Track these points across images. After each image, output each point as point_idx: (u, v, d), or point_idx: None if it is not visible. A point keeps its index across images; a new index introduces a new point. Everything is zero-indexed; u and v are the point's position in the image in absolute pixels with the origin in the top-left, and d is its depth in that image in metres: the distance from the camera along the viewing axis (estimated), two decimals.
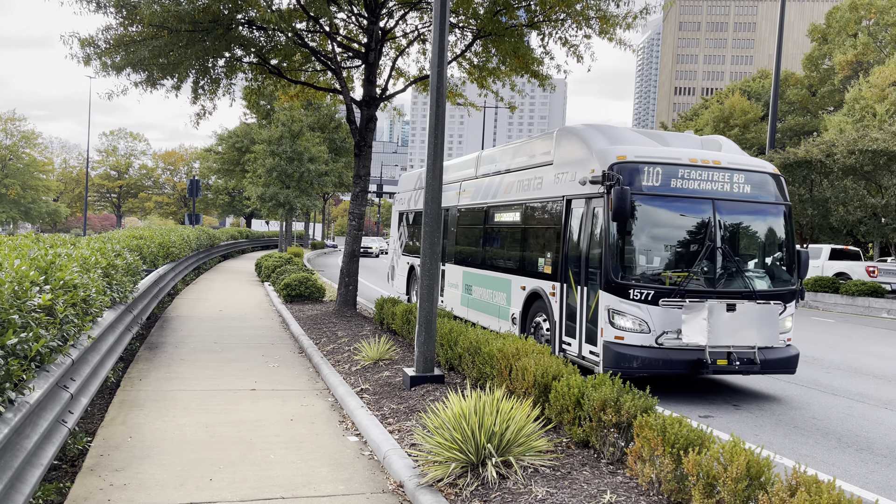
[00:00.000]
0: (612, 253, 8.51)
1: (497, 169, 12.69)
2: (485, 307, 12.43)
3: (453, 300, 14.05)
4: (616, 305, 8.44)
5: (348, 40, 14.98)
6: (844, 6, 55.50)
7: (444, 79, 7.63)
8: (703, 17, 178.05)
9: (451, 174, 14.92)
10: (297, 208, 31.08)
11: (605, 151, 9.00)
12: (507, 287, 11.51)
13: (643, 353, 8.35)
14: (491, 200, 12.58)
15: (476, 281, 12.91)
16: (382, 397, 7.75)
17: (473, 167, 14.01)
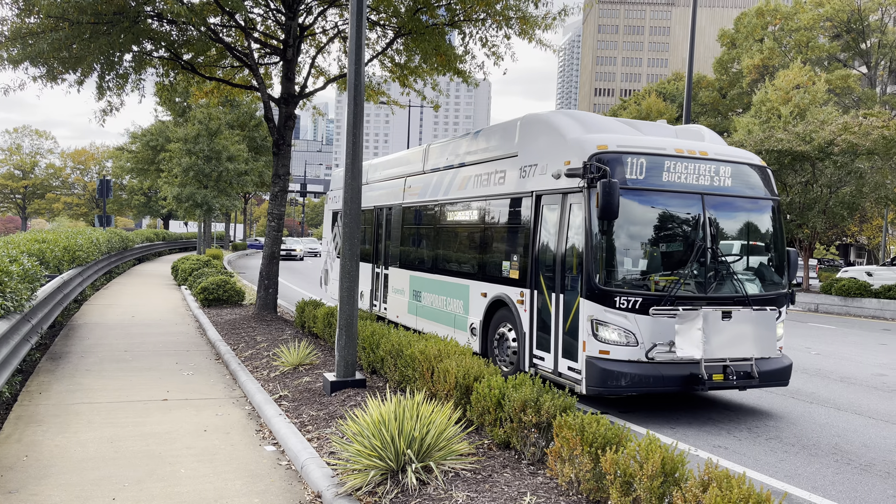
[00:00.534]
0: (595, 256, 7.48)
1: (449, 163, 11.52)
2: (438, 316, 11.28)
3: (399, 307, 12.87)
4: (600, 315, 7.41)
5: (266, 36, 14.56)
6: (751, 12, 58.24)
7: (361, 76, 7.47)
8: (621, 20, 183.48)
9: (394, 169, 14.00)
10: (215, 209, 30.09)
11: (582, 141, 7.96)
12: (465, 294, 10.45)
13: (632, 369, 7.33)
14: (443, 197, 11.44)
15: (426, 287, 11.77)
16: (302, 404, 7.52)
17: (420, 161, 12.81)
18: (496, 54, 13.52)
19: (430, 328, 11.28)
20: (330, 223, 17.17)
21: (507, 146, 9.75)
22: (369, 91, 16.24)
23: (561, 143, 8.31)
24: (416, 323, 12.00)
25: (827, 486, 5.85)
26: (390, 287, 13.32)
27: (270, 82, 16.26)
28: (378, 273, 14.16)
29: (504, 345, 9.31)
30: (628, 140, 7.98)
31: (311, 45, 15.87)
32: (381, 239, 14.04)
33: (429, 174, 12.30)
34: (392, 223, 13.45)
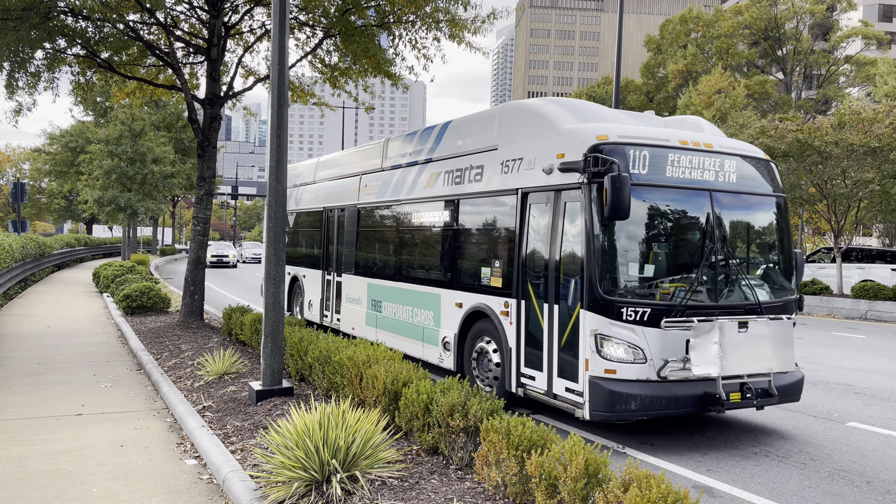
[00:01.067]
0: (598, 261, 6.56)
1: (413, 159, 10.50)
2: (403, 328, 10.33)
3: (355, 318, 11.87)
4: (605, 329, 6.50)
5: (190, 35, 14.11)
6: (675, 19, 60.21)
7: (285, 76, 7.29)
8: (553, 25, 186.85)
9: (346, 166, 12.96)
10: (140, 213, 29.03)
11: (578, 131, 7.12)
12: (436, 304, 9.47)
13: (643, 390, 6.46)
14: (406, 197, 10.44)
15: (389, 296, 10.76)
16: (226, 414, 7.28)
17: (378, 157, 11.71)
18: (426, 56, 13.50)
19: (393, 342, 10.23)
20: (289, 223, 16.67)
21: (484, 139, 8.80)
22: (299, 92, 15.96)
23: (552, 135, 7.43)
24: (377, 336, 10.97)
25: None
26: (344, 296, 12.34)
27: (197, 82, 15.78)
28: (329, 280, 13.18)
29: (484, 361, 8.36)
30: (629, 130, 7.12)
31: (238, 44, 15.48)
32: (332, 243, 13.16)
33: (388, 172, 11.27)
34: (345, 226, 12.49)
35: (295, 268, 14.93)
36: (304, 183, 14.97)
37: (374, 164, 11.86)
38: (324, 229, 13.50)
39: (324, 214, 13.54)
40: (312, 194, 14.36)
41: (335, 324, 12.79)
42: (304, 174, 15.19)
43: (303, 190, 14.97)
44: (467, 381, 5.85)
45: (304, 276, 14.46)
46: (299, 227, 14.94)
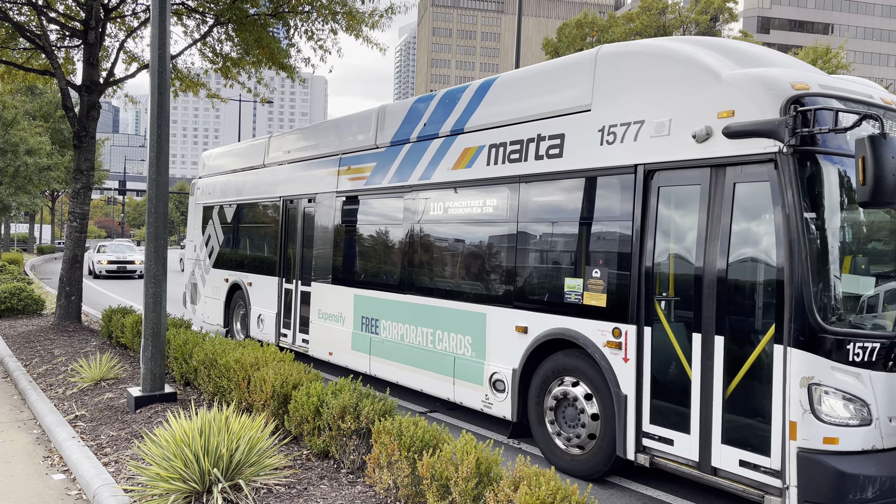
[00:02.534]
0: (816, 273, 4.57)
1: (431, 131, 7.92)
2: (418, 357, 7.78)
3: (332, 341, 9.33)
4: (824, 376, 4.48)
5: (65, 17, 13.12)
6: (572, 23, 62.10)
7: (166, 60, 6.85)
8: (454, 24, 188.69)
9: (317, 146, 10.24)
10: (12, 208, 26.84)
11: (759, 78, 4.96)
12: (477, 326, 7.06)
13: (877, 467, 4.49)
14: (421, 181, 7.89)
15: (393, 313, 8.21)
16: (101, 424, 6.77)
17: (370, 131, 9.02)
18: (323, 48, 13.15)
19: (402, 375, 8.01)
20: (200, 222, 13.68)
21: (564, 97, 6.42)
22: (188, 82, 15.19)
23: (706, 84, 5.21)
24: (372, 365, 8.51)
25: None
26: (315, 311, 9.80)
27: (74, 67, 14.72)
28: (290, 291, 10.52)
29: (568, 411, 6.09)
30: (826, 80, 5.17)
31: (119, 28, 14.54)
32: (294, 242, 10.49)
33: (388, 149, 8.61)
34: (316, 220, 9.85)
35: (235, 273, 12.05)
36: (249, 167, 12.07)
37: (363, 141, 9.16)
38: (282, 225, 10.71)
39: (282, 206, 10.77)
40: (264, 181, 11.44)
41: (300, 346, 10.20)
42: (247, 156, 12.25)
43: (246, 176, 12.06)
44: (367, 387, 5.64)
45: (249, 283, 11.53)
46: (242, 223, 12.04)
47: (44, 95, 36.41)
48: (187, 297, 14.16)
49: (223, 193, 12.74)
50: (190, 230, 14.22)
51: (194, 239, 13.89)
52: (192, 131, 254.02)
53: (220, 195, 12.86)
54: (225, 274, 12.40)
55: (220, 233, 12.73)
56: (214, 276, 12.82)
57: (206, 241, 13.26)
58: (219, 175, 13.16)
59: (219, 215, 12.81)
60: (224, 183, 12.79)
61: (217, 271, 12.72)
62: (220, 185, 12.96)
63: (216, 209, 12.96)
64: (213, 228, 13.03)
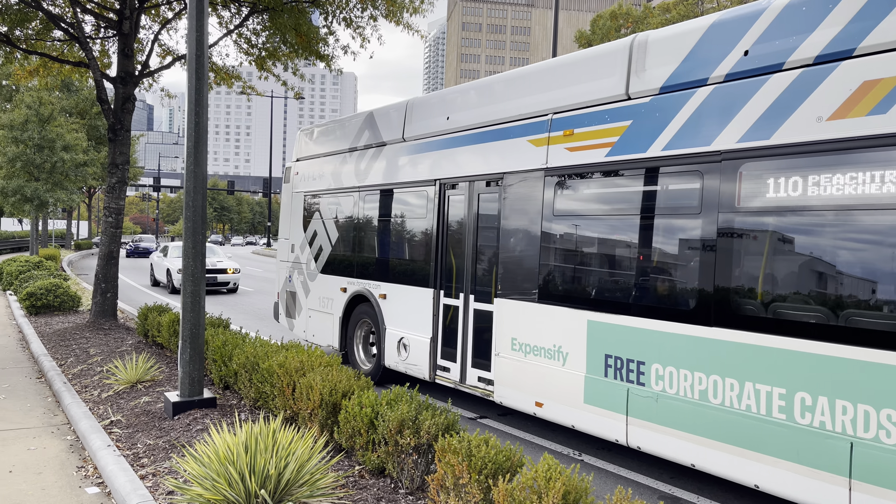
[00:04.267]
0: None
1: (765, 63, 5.04)
2: (751, 434, 4.83)
3: (548, 388, 6.46)
4: None
5: (100, 7, 12.84)
6: (606, 15, 60.95)
7: (204, 43, 6.41)
8: (484, 19, 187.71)
9: (508, 104, 7.26)
10: (49, 203, 26.93)
11: None
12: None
13: None
14: (755, 143, 4.98)
15: (688, 354, 5.28)
16: (138, 431, 6.37)
17: (623, 70, 6.10)
18: (362, 36, 12.68)
19: (702, 455, 5.12)
20: (300, 215, 10.96)
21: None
22: (223, 74, 14.86)
23: None
24: (633, 432, 5.66)
25: None
26: (505, 340, 6.90)
27: (109, 60, 14.47)
28: (453, 308, 7.78)
29: None
30: None
31: (154, 20, 14.25)
32: (460, 242, 7.79)
33: (660, 99, 5.74)
34: (504, 211, 7.05)
35: (358, 281, 9.35)
36: (378, 143, 9.20)
37: (600, 91, 6.27)
38: (438, 217, 8.01)
39: (438, 193, 8.04)
40: (404, 160, 8.69)
41: (475, 387, 7.39)
42: (374, 129, 9.33)
43: (373, 155, 9.25)
44: (426, 398, 5.13)
45: (381, 295, 8.84)
46: (368, 216, 9.31)
47: (80, 92, 36.65)
48: (280, 308, 11.51)
49: (336, 178, 10.00)
50: (284, 226, 11.51)
51: (290, 237, 11.24)
52: (224, 128, 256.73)
53: (331, 181, 10.14)
54: (341, 281, 9.68)
55: (333, 229, 10.00)
56: (325, 284, 10.11)
57: (311, 239, 10.58)
58: (328, 156, 10.35)
59: (330, 206, 10.14)
60: (338, 165, 10.00)
61: (328, 278, 10.02)
62: (330, 167, 10.20)
63: (325, 199, 10.30)
64: (320, 223, 10.35)
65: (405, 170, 8.65)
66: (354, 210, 9.60)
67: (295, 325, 11.05)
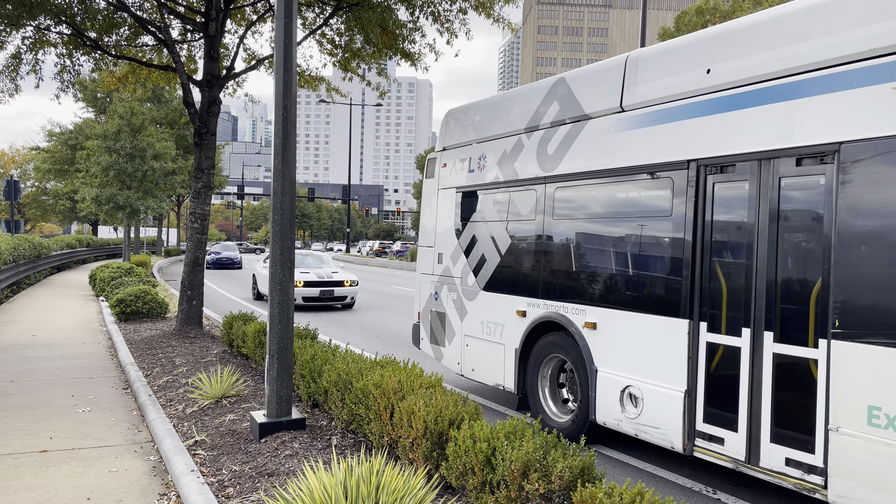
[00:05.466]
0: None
1: None
2: None
3: None
4: None
5: (186, 9, 12.72)
6: (692, 10, 58.55)
7: (293, 31, 5.86)
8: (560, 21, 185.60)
9: (837, 38, 4.75)
10: (140, 211, 27.65)
11: None
12: None
13: None
14: None
15: None
16: (223, 453, 5.85)
17: None
18: (450, 31, 12.04)
19: None
20: (451, 215, 8.79)
21: None
22: (306, 77, 14.55)
23: None
24: None
25: None
26: (855, 410, 4.46)
27: (195, 67, 14.40)
28: (731, 352, 5.34)
29: None
30: None
31: (239, 24, 14.09)
32: (735, 253, 5.42)
33: None
34: (841, 204, 4.63)
35: (546, 303, 7.09)
36: (574, 117, 6.90)
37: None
38: (695, 215, 5.66)
39: (698, 181, 5.66)
40: (625, 137, 6.37)
41: (790, 477, 4.84)
42: (573, 99, 6.97)
43: (570, 135, 6.92)
44: (539, 420, 4.36)
45: (590, 324, 6.56)
46: (563, 214, 6.98)
47: (169, 103, 37.77)
48: (422, 332, 9.39)
49: (507, 168, 7.76)
50: (426, 231, 9.45)
51: (436, 244, 9.11)
52: (304, 138, 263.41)
53: (498, 172, 7.92)
54: (517, 302, 7.43)
55: (503, 233, 7.78)
56: (490, 305, 7.89)
57: (468, 246, 8.36)
58: (493, 140, 8.09)
59: (498, 205, 7.94)
60: (508, 151, 7.76)
61: (496, 297, 7.82)
62: (496, 155, 7.96)
63: (490, 195, 8.07)
64: (482, 226, 8.15)
65: (625, 151, 6.30)
66: (537, 208, 7.26)
67: (444, 354, 8.80)
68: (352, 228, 79.60)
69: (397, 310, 19.12)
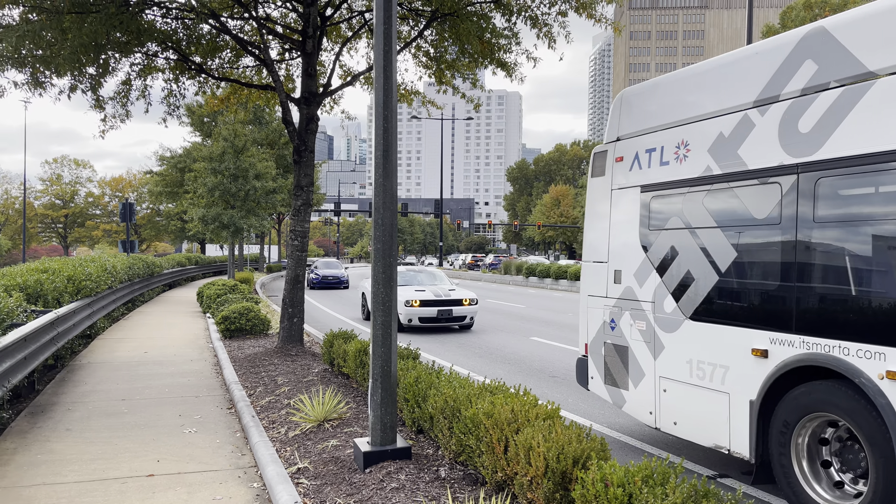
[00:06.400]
0: None
1: None
2: None
3: None
4: None
5: (285, 28, 12.87)
6: (799, 5, 55.44)
7: (392, 32, 5.56)
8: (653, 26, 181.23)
9: None
10: (244, 229, 28.56)
11: None
12: None
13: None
14: None
15: None
16: (326, 483, 5.56)
17: None
18: (549, 35, 11.55)
19: None
20: (635, 226, 6.96)
21: None
22: (401, 91, 14.42)
23: None
24: None
25: None
26: None
27: (293, 86, 14.58)
28: None
29: None
30: None
31: (335, 42, 14.16)
32: None
33: None
34: None
35: (812, 341, 5.11)
36: (846, 78, 5.06)
37: None
38: None
39: None
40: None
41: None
42: (841, 54, 5.11)
43: (844, 104, 5.04)
44: (680, 463, 3.78)
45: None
46: (840, 214, 5.03)
47: (269, 125, 39.11)
48: (593, 369, 7.50)
49: (725, 156, 5.95)
50: (595, 241, 7.58)
51: (611, 257, 7.28)
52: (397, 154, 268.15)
53: (709, 162, 6.09)
54: (751, 337, 5.55)
55: (723, 243, 5.94)
56: (705, 339, 6.01)
57: (663, 261, 6.50)
58: (696, 121, 6.28)
59: (715, 205, 6.07)
60: (728, 133, 5.94)
61: (714, 328, 5.94)
62: (706, 139, 6.16)
63: (697, 194, 6.21)
64: (687, 234, 6.26)
65: None
66: (784, 208, 5.38)
67: (626, 399, 6.94)
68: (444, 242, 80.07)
69: (521, 331, 17.51)
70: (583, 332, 7.74)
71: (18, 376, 8.04)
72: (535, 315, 22.11)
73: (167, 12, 11.30)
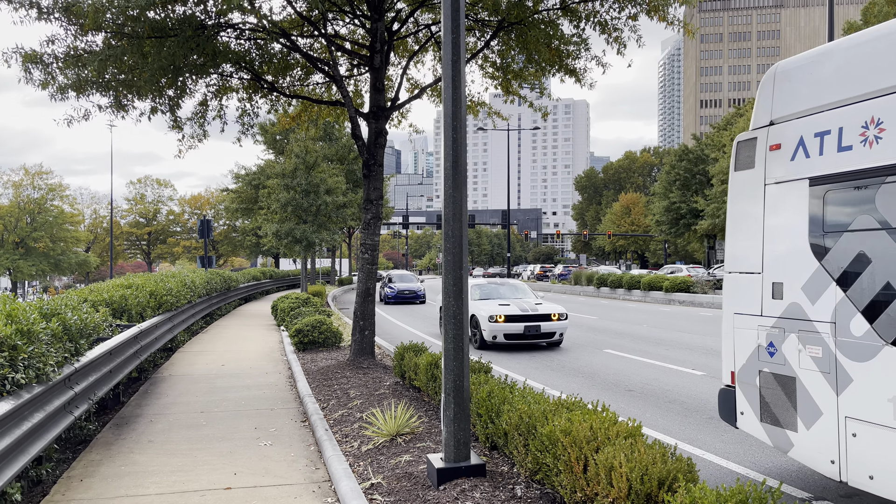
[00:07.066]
0: None
1: None
2: None
3: None
4: None
5: (353, 44, 13.04)
6: (881, 0, 52.74)
7: (460, 34, 5.49)
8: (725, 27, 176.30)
9: None
10: (315, 243, 29.12)
11: None
12: None
13: None
14: None
15: None
16: (400, 499, 5.47)
17: None
18: (619, 40, 11.28)
19: None
20: (802, 229, 5.53)
21: None
22: (467, 103, 14.39)
23: None
24: None
25: None
26: None
27: (361, 101, 14.77)
28: None
29: None
30: None
31: (402, 56, 14.26)
32: None
33: None
34: None
35: None
36: None
37: None
38: None
39: None
40: None
41: None
42: None
43: None
44: (778, 487, 3.50)
45: None
46: None
47: (339, 141, 39.86)
48: (743, 403, 6.14)
49: None
50: (742, 247, 6.23)
51: (768, 267, 5.91)
52: None
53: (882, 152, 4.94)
54: None
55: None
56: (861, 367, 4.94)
57: (849, 271, 5.10)
58: (890, 94, 4.90)
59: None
60: (866, 117, 5.05)
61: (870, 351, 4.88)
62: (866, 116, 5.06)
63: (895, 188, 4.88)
64: (885, 237, 4.84)
65: None
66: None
67: (794, 442, 5.52)
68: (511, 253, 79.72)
69: (593, 343, 16.90)
70: (728, 358, 6.35)
71: (104, 389, 8.33)
72: (608, 327, 21.59)
73: (241, 34, 11.61)
